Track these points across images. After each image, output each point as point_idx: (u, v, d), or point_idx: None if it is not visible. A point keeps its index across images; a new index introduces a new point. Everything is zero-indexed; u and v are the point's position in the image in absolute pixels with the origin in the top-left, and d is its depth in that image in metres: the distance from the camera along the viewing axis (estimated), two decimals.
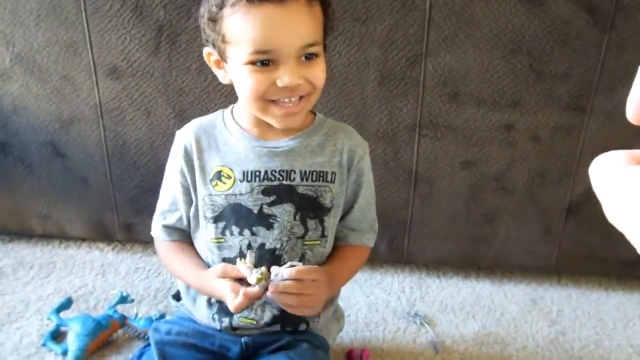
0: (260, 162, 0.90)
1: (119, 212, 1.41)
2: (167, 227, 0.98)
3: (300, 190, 0.90)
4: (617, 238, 1.23)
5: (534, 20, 1.11)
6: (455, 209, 1.32)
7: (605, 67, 1.14)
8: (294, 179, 0.90)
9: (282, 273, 0.82)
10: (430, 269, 1.45)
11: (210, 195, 0.91)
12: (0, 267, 1.39)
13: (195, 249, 0.98)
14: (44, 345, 1.12)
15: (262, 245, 0.91)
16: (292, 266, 0.83)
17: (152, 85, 1.25)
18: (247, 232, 0.91)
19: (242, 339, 0.95)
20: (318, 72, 0.82)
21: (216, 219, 0.92)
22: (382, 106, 1.22)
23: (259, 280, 0.81)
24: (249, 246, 0.91)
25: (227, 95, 1.22)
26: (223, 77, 0.87)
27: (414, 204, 1.32)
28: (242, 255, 0.90)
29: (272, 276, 0.82)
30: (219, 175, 0.91)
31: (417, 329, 1.24)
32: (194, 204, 0.94)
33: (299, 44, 0.78)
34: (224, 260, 0.92)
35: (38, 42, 1.23)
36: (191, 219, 0.95)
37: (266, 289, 0.82)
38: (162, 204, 0.98)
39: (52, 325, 1.15)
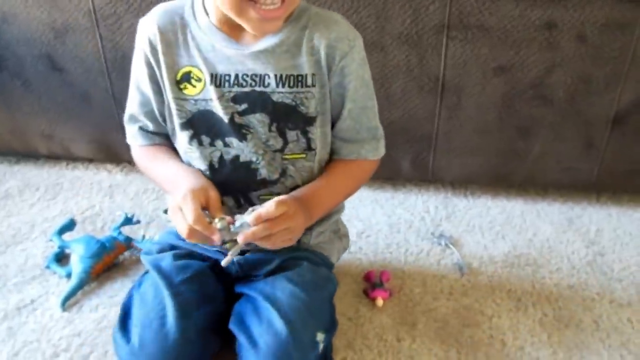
0: (230, 64, 0.79)
1: (124, 131, 1.32)
2: (144, 131, 0.88)
3: (276, 97, 0.80)
4: None
5: None
6: (486, 122, 1.20)
7: None
8: (268, 84, 0.80)
9: (246, 221, 0.74)
10: (457, 187, 1.34)
11: (178, 98, 0.82)
12: (6, 188, 1.34)
13: (175, 150, 0.88)
14: (47, 267, 1.07)
15: (236, 157, 0.82)
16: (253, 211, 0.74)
17: None
18: (219, 142, 0.82)
19: (235, 259, 0.86)
20: None
21: (183, 126, 0.83)
22: (406, 5, 1.08)
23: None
24: (220, 161, 0.82)
25: None
26: None
27: (440, 116, 1.20)
28: (212, 169, 0.83)
29: (237, 224, 0.74)
30: (188, 77, 0.81)
31: (442, 250, 1.15)
32: (166, 103, 0.84)
33: None
34: (200, 171, 0.84)
35: None
36: (167, 121, 0.86)
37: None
38: (132, 104, 0.88)
39: (55, 247, 1.10)
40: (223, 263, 0.77)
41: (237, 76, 0.80)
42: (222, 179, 0.84)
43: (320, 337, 0.80)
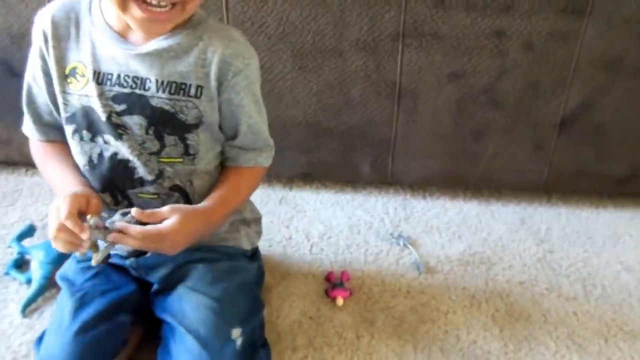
0: (114, 63, 0.79)
1: None
2: (39, 124, 0.87)
3: (154, 102, 0.80)
4: (612, 154, 1.15)
5: None
6: (441, 125, 1.25)
7: None
8: (149, 88, 0.79)
9: (119, 218, 0.75)
10: (416, 190, 1.39)
11: (64, 92, 0.82)
12: None
13: (69, 152, 0.87)
14: (6, 274, 1.06)
15: (115, 154, 0.83)
16: (125, 214, 0.75)
17: None
18: (99, 139, 0.83)
19: (127, 262, 0.88)
20: None
21: (67, 120, 0.83)
22: (362, 13, 1.11)
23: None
24: (100, 157, 0.83)
25: None
26: None
27: (398, 120, 1.24)
28: (90, 164, 0.84)
29: (110, 219, 0.76)
30: (74, 72, 0.81)
31: (401, 250, 1.19)
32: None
33: None
34: (81, 166, 0.85)
35: None
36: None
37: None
38: (27, 94, 0.87)
39: (14, 254, 1.09)
40: (93, 262, 0.76)
41: (119, 76, 0.80)
42: (100, 175, 0.85)
43: (236, 333, 0.82)
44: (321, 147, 1.29)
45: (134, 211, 0.76)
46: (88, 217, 0.74)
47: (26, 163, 1.41)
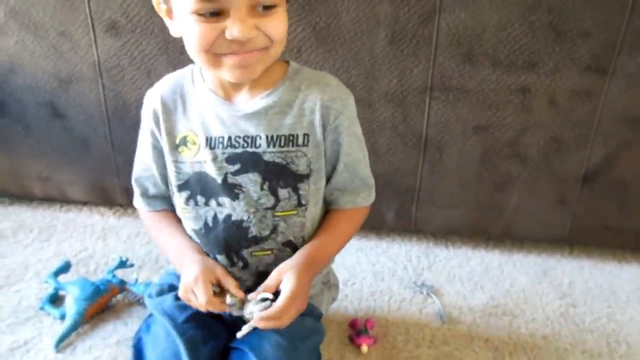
0: (223, 127, 0.83)
1: (120, 175, 1.37)
2: (147, 196, 0.94)
3: (267, 157, 0.83)
4: (634, 209, 1.17)
5: None
6: (465, 176, 1.28)
7: (631, 25, 1.07)
8: (260, 145, 0.83)
9: (256, 311, 0.80)
10: (439, 238, 1.40)
11: (176, 161, 0.86)
12: (0, 229, 1.37)
13: (178, 219, 0.93)
14: (41, 308, 1.10)
15: (228, 216, 0.86)
16: (264, 299, 0.80)
17: (152, 43, 1.19)
18: (212, 202, 0.86)
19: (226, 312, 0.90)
20: (276, 24, 0.75)
21: (181, 187, 0.87)
22: (392, 66, 1.16)
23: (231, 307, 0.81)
24: (214, 220, 0.87)
25: None
26: (174, 29, 0.80)
27: (423, 170, 1.28)
28: (206, 227, 0.87)
29: (247, 312, 0.81)
30: (185, 141, 0.85)
31: (424, 299, 1.20)
32: (166, 167, 0.89)
33: None
34: (194, 231, 0.89)
35: None
36: (168, 184, 0.91)
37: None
38: (137, 170, 0.94)
39: (50, 289, 1.13)
40: (238, 335, 0.81)
41: (230, 138, 0.83)
42: (216, 238, 0.87)
43: None
44: None
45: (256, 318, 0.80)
46: (227, 297, 0.81)
47: (62, 200, 1.47)
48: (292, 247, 0.88)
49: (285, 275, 0.81)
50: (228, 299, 0.81)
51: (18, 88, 1.29)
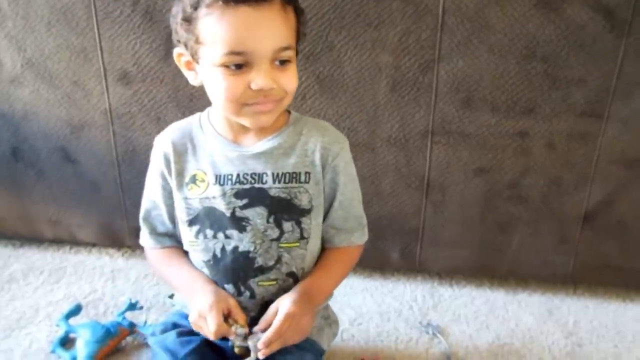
0: (232, 165, 0.90)
1: (129, 218, 1.40)
2: (155, 234, 0.98)
3: (273, 192, 0.90)
4: (635, 248, 1.19)
5: (549, 26, 1.09)
6: (468, 217, 1.30)
7: (623, 72, 1.11)
8: (266, 181, 0.89)
9: (260, 341, 0.84)
10: (443, 278, 1.42)
11: (186, 198, 0.92)
12: (10, 272, 1.39)
13: (185, 254, 0.97)
14: (53, 351, 1.11)
15: (236, 247, 0.91)
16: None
17: (162, 91, 1.24)
18: (220, 235, 0.91)
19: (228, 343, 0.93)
20: (290, 77, 0.83)
21: (191, 222, 0.92)
22: (394, 112, 1.20)
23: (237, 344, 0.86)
24: (222, 251, 0.91)
25: None
26: (193, 78, 0.87)
27: (426, 211, 1.30)
28: (215, 258, 0.92)
29: (251, 343, 0.85)
30: (193, 179, 0.91)
31: (430, 339, 1.21)
32: (175, 205, 0.94)
33: (273, 47, 0.78)
34: (203, 262, 0.93)
35: (49, 48, 1.23)
36: (176, 221, 0.96)
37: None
38: (145, 210, 0.98)
39: (61, 332, 1.14)
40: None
41: (238, 175, 0.90)
42: (224, 267, 0.92)
43: None
44: None
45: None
46: (234, 328, 0.85)
47: (71, 242, 1.50)
48: (294, 278, 0.93)
49: (280, 301, 0.88)
50: (236, 329, 0.85)
51: (32, 134, 1.34)
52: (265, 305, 0.92)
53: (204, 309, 0.85)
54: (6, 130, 1.34)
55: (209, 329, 0.84)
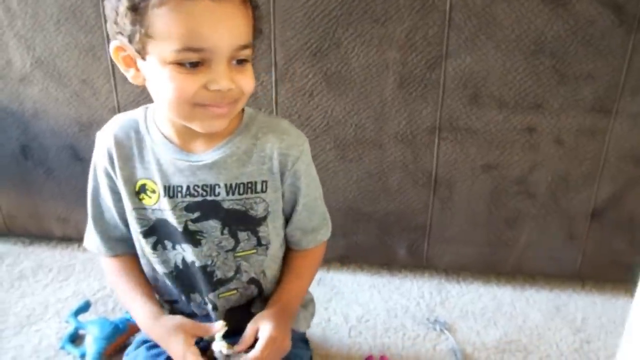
0: (182, 176, 0.83)
1: None
2: (105, 239, 0.91)
3: (226, 205, 0.84)
4: None
5: (557, 21, 1.09)
6: (475, 213, 1.30)
7: (632, 68, 1.11)
8: (219, 193, 0.83)
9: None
10: (450, 274, 1.42)
11: (138, 208, 0.86)
12: (20, 269, 1.40)
13: (142, 272, 0.92)
14: (62, 348, 1.12)
15: (193, 262, 0.87)
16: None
17: None
18: (178, 247, 0.87)
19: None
20: (248, 78, 0.76)
21: (146, 234, 0.87)
22: (402, 109, 1.20)
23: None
24: (183, 263, 0.88)
25: None
26: (134, 76, 0.77)
27: (433, 208, 1.30)
28: (177, 269, 0.88)
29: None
30: (144, 189, 0.85)
31: (437, 335, 1.21)
32: (127, 212, 0.88)
33: (233, 44, 0.72)
34: (164, 274, 0.89)
35: (58, 47, 1.23)
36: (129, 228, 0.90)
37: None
38: (93, 213, 0.91)
39: (70, 328, 1.15)
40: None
41: (188, 187, 0.83)
42: (187, 279, 0.90)
43: None
44: (359, 231, 1.35)
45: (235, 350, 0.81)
46: (218, 348, 0.81)
47: (80, 239, 1.50)
48: (255, 283, 0.92)
49: (260, 324, 0.83)
50: (214, 346, 0.81)
51: (41, 133, 1.35)
52: (228, 312, 0.90)
53: (180, 356, 0.80)
54: (16, 129, 1.35)
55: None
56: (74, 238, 1.50)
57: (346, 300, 1.31)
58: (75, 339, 1.15)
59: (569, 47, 1.10)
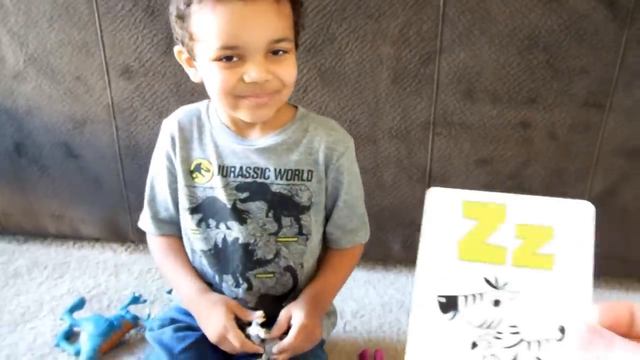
0: (236, 157, 0.90)
1: (132, 212, 1.40)
2: (156, 220, 0.98)
3: (274, 188, 0.90)
4: (637, 238, 1.19)
5: (551, 15, 1.09)
6: None
7: (625, 62, 1.11)
8: (268, 176, 0.90)
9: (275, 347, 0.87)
10: None
11: (190, 186, 0.92)
12: (15, 267, 1.40)
13: (183, 249, 0.98)
14: (57, 345, 1.12)
15: (236, 239, 0.92)
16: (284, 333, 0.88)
17: (164, 85, 1.24)
18: (222, 225, 0.92)
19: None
20: (288, 68, 0.81)
21: (193, 210, 0.92)
22: (396, 104, 1.21)
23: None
24: (223, 242, 0.92)
25: None
26: (194, 75, 0.87)
27: None
28: (216, 248, 0.93)
29: (267, 348, 0.87)
30: (199, 168, 0.91)
31: None
32: (178, 190, 0.94)
33: (265, 39, 0.78)
34: (203, 252, 0.94)
35: (51, 43, 1.23)
36: (179, 207, 0.96)
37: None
38: (150, 194, 0.98)
39: (65, 326, 1.15)
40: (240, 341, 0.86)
41: (241, 168, 0.90)
42: (224, 258, 0.93)
43: None
44: None
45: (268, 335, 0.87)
46: (254, 331, 0.87)
47: (75, 237, 1.51)
48: (291, 272, 0.95)
49: (293, 311, 0.89)
50: (251, 330, 0.87)
51: (35, 130, 1.34)
52: (262, 297, 0.93)
53: (220, 331, 0.87)
54: (9, 126, 1.35)
55: (233, 347, 0.86)
56: (69, 235, 1.50)
57: (341, 296, 1.30)
58: (70, 336, 1.15)
59: (562, 41, 1.10)
